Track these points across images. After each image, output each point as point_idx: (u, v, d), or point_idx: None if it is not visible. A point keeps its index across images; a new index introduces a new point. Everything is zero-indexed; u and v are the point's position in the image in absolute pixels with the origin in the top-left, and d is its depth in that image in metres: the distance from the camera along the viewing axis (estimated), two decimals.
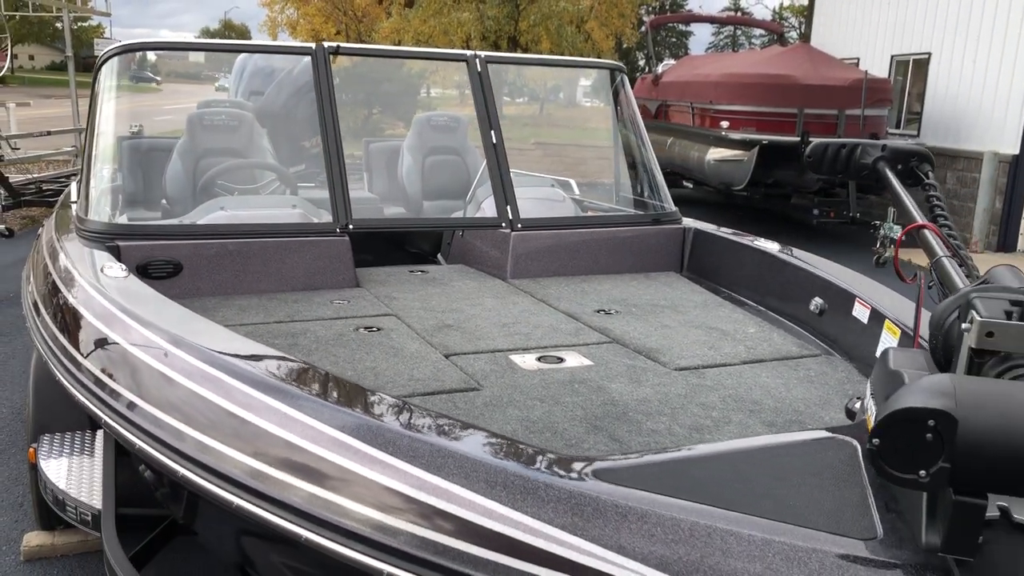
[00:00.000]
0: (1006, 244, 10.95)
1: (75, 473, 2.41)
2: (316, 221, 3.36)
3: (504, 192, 3.55)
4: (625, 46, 28.21)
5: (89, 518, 2.26)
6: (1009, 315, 1.28)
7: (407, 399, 2.11)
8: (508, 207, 3.53)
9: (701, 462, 1.55)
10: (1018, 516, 1.16)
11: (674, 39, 40.43)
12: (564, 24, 20.02)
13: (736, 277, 3.45)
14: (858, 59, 13.91)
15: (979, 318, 1.26)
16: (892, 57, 13.48)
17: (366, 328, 2.73)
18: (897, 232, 9.87)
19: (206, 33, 66.02)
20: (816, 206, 11.09)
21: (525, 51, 20.92)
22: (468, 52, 3.74)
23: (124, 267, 2.62)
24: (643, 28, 17.49)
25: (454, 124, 4.71)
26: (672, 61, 18.02)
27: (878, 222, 10.08)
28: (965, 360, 1.30)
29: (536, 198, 3.82)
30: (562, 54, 21.99)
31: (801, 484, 1.42)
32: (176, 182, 3.96)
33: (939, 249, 1.92)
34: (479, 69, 3.69)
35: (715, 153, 11.92)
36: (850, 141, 2.59)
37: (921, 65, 12.78)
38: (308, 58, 6.72)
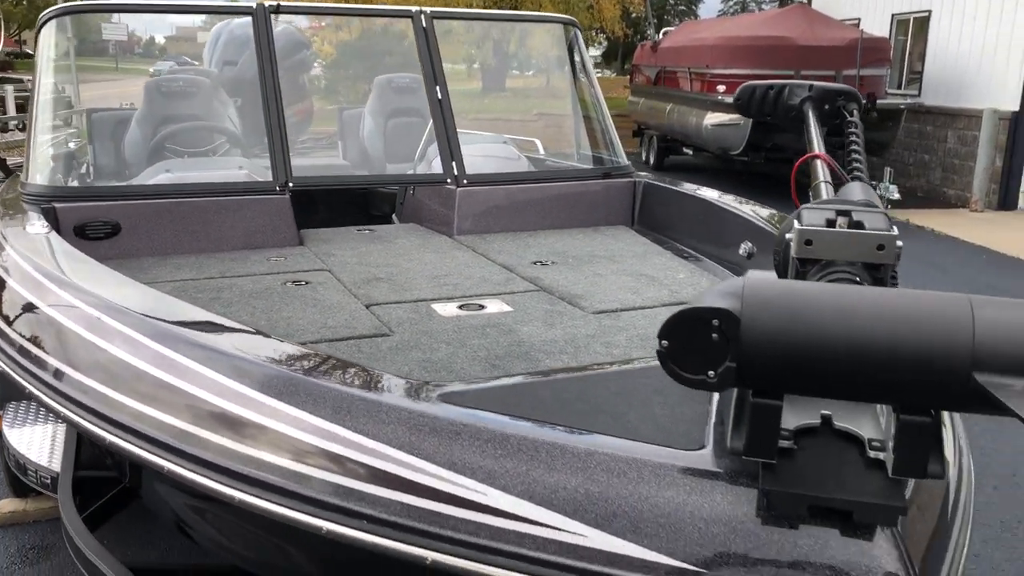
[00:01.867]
0: (1007, 202, 10.81)
1: (37, 439, 2.45)
2: (257, 180, 3.37)
3: (450, 149, 3.54)
4: (634, 15, 27.96)
5: (48, 481, 2.30)
6: (832, 223, 1.28)
7: (308, 344, 2.13)
8: (454, 163, 3.53)
9: (550, 384, 1.56)
10: (839, 423, 1.15)
11: (683, 7, 40.05)
12: None
13: (680, 227, 3.44)
14: (859, 19, 13.70)
15: (797, 226, 1.26)
16: (893, 16, 13.28)
17: (294, 282, 2.74)
18: (893, 192, 9.79)
19: None
20: None
21: None
22: (413, 8, 3.72)
23: (46, 224, 2.63)
24: None
25: (416, 85, 4.68)
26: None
27: (874, 183, 9.97)
28: (792, 271, 1.29)
29: (486, 155, 3.81)
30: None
31: (645, 402, 1.43)
32: (133, 148, 3.98)
33: (821, 175, 1.90)
34: (424, 25, 3.67)
35: (712, 118, 11.82)
36: (777, 83, 2.56)
37: (922, 24, 12.58)
38: (283, 25, 6.69)
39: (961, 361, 0.98)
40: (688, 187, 3.58)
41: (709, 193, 3.40)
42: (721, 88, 11.74)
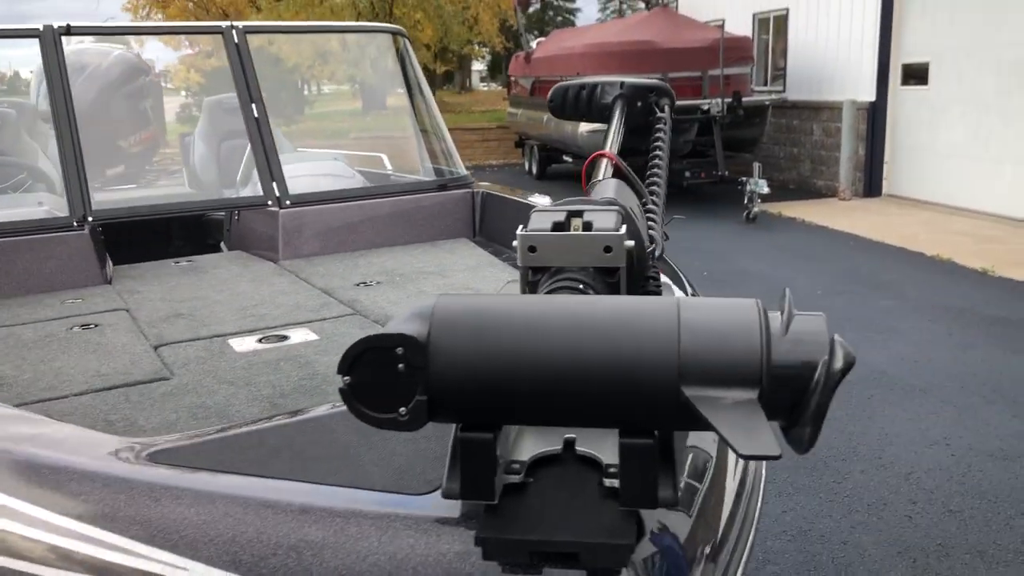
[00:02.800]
0: (871, 189, 11.18)
1: None
2: (51, 216, 3.09)
3: (270, 168, 3.33)
4: (512, 27, 28.14)
5: None
6: (561, 227, 1.13)
7: (70, 397, 1.91)
8: (274, 184, 3.32)
9: (293, 428, 1.39)
10: (582, 448, 1.00)
11: (560, 18, 40.50)
12: (443, 3, 19.71)
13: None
14: (723, 20, 14.03)
15: (520, 231, 1.11)
16: (754, 15, 13.64)
17: (82, 326, 2.49)
18: (763, 187, 9.98)
19: None
20: (687, 168, 11.14)
21: None
22: (224, 23, 3.50)
23: None
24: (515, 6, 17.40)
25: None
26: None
27: (744, 178, 10.17)
28: (523, 282, 1.15)
29: (314, 174, 3.61)
30: (446, 39, 21.76)
31: (387, 440, 1.26)
32: None
33: (602, 174, 1.78)
34: (236, 40, 3.46)
35: (586, 125, 11.86)
36: (589, 81, 2.45)
37: (781, 21, 12.95)
38: (118, 51, 6.32)
39: (667, 374, 0.85)
40: (523, 196, 3.46)
41: (539, 199, 3.29)
42: None
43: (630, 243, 1.08)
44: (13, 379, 2.06)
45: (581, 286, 1.07)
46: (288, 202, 3.31)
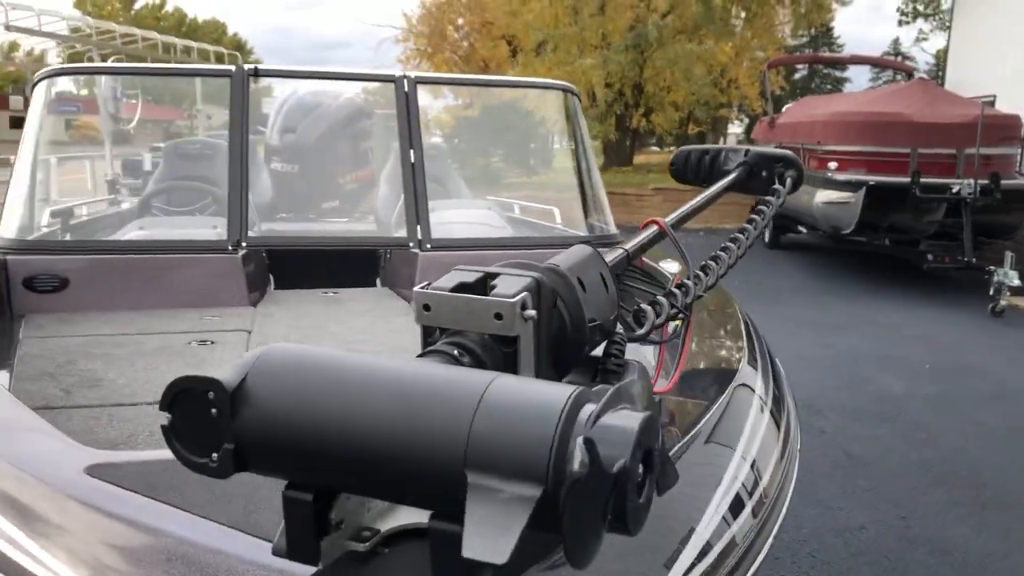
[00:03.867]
0: None
1: None
2: (211, 239, 3.36)
3: (417, 211, 3.44)
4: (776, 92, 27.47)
5: None
6: (465, 287, 1.07)
7: (129, 404, 2.05)
8: (418, 226, 3.43)
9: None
10: (443, 523, 0.93)
11: (829, 86, 38.94)
12: (692, 66, 19.60)
13: None
14: (994, 96, 12.89)
15: (417, 289, 1.06)
16: None
17: (199, 342, 2.68)
18: (1013, 278, 8.98)
19: None
20: (930, 250, 10.27)
21: (649, 99, 20.74)
22: (397, 73, 3.69)
23: None
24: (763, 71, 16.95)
25: (434, 151, 4.66)
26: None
27: (993, 267, 9.21)
28: (423, 340, 1.10)
29: (465, 221, 3.68)
30: (697, 101, 21.63)
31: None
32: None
33: (636, 242, 1.68)
34: (406, 89, 3.63)
35: (823, 196, 11.28)
36: (714, 148, 2.36)
37: None
38: (348, 94, 6.84)
39: (453, 456, 0.77)
40: (657, 260, 3.33)
41: (671, 267, 3.15)
42: (832, 165, 11.22)
43: (532, 313, 0.99)
44: (108, 382, 2.24)
45: (456, 351, 0.99)
46: (429, 245, 3.40)
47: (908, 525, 3.93)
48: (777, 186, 2.08)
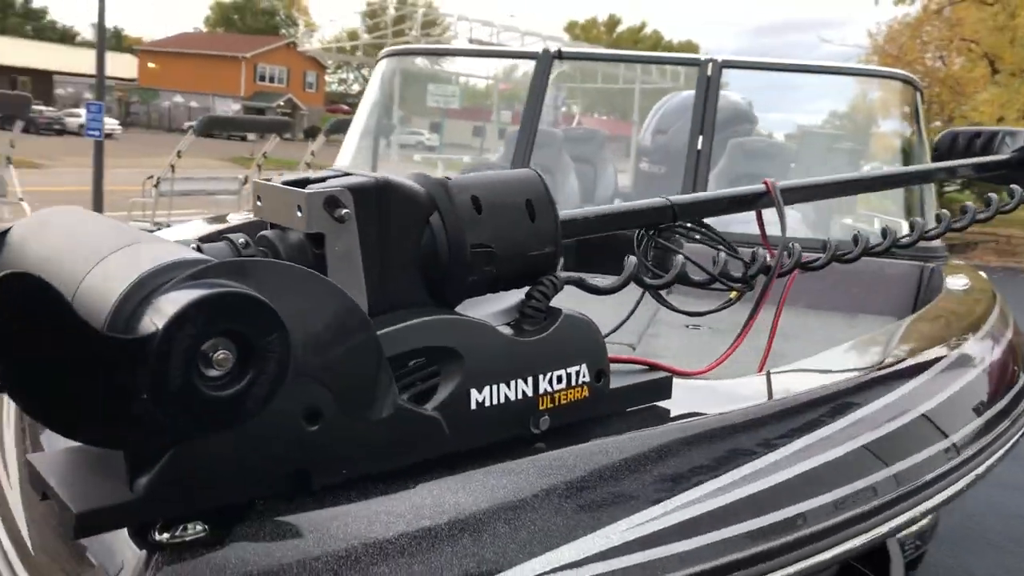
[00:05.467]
0: None
1: None
2: None
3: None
4: None
5: None
6: (304, 183, 0.99)
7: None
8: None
9: None
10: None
11: None
12: None
13: None
14: None
15: (257, 179, 1.01)
16: None
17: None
18: None
19: None
20: None
21: None
22: (703, 56, 3.44)
23: None
24: None
25: (773, 150, 4.29)
26: None
27: None
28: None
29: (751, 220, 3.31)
30: None
31: None
32: None
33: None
34: (709, 73, 3.37)
35: None
36: (987, 129, 1.98)
37: None
38: (733, 96, 6.66)
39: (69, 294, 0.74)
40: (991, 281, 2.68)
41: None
42: None
43: (345, 211, 0.86)
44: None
45: (242, 240, 0.90)
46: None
47: None
48: None
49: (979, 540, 3.46)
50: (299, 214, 0.85)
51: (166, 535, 0.69)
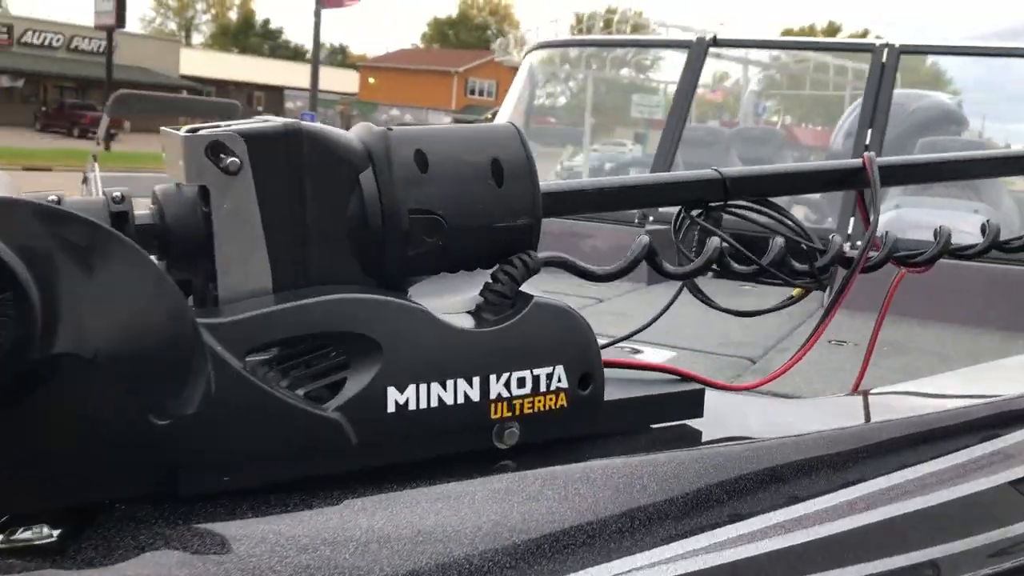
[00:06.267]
0: None
1: None
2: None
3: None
4: None
5: None
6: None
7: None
8: (851, 219, 2.82)
9: None
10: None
11: None
12: None
13: None
14: None
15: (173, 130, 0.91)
16: None
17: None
18: None
19: None
20: None
21: None
22: (877, 42, 3.07)
23: None
24: None
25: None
26: None
27: None
28: None
29: (921, 225, 2.91)
30: None
31: None
32: None
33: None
34: (884, 60, 3.00)
35: None
36: None
37: None
38: (936, 96, 6.10)
39: None
40: None
41: None
42: None
43: (232, 160, 0.73)
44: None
45: (119, 194, 0.80)
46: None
47: None
48: None
49: None
50: (180, 163, 0.72)
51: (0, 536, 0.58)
